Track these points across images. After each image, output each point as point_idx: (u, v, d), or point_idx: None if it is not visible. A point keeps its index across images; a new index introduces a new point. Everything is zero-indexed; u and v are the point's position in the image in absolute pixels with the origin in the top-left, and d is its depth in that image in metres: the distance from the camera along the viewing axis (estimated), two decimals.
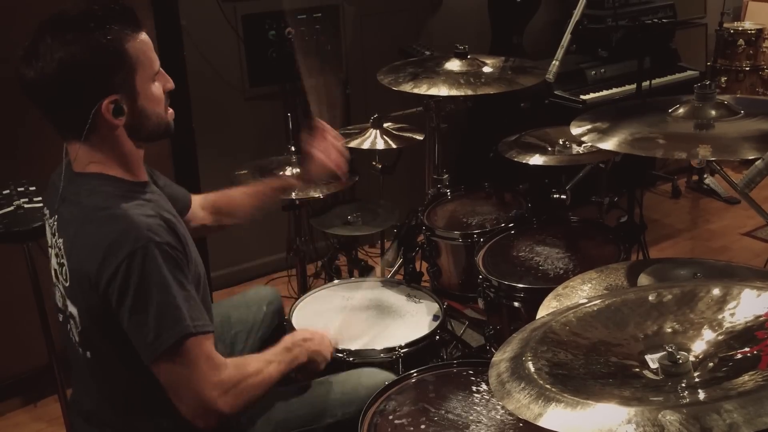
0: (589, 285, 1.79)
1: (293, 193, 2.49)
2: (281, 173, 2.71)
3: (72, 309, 1.50)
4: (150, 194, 1.55)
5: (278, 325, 2.15)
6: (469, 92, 2.54)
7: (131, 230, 1.39)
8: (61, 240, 1.49)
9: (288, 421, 1.71)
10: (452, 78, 2.61)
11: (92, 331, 1.49)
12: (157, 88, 1.52)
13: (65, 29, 1.40)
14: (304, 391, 1.79)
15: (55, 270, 1.55)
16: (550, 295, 1.75)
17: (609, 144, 1.84)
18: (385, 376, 1.84)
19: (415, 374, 1.81)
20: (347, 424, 1.71)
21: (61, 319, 1.59)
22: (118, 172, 1.51)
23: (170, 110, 1.58)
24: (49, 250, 1.58)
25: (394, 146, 2.74)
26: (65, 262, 1.47)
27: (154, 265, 1.38)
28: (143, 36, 1.48)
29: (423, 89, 2.55)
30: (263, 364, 1.60)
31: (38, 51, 1.40)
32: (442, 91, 2.52)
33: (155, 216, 1.46)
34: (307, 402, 1.75)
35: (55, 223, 1.52)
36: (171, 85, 1.56)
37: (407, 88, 2.57)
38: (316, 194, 2.60)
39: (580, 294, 1.74)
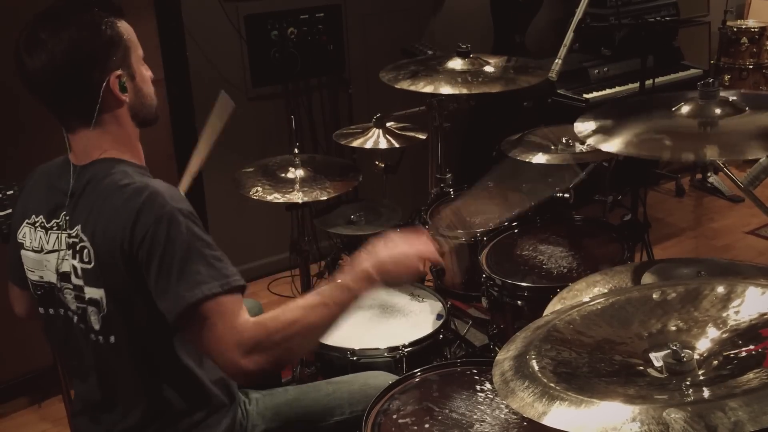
0: (596, 289, 1.78)
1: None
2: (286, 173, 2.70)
3: (95, 294, 1.50)
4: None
5: None
6: (468, 90, 2.53)
7: (157, 197, 1.44)
8: (78, 227, 1.50)
9: (296, 418, 1.72)
10: (454, 77, 2.60)
11: (121, 309, 1.49)
12: (147, 70, 1.59)
13: (59, 17, 1.46)
14: (312, 389, 1.80)
15: (64, 272, 1.54)
16: (555, 300, 1.75)
17: (613, 146, 1.75)
18: (392, 379, 1.84)
19: (418, 373, 1.81)
20: (355, 422, 1.71)
21: (68, 316, 1.57)
22: (127, 156, 1.56)
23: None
24: (45, 257, 1.56)
25: (397, 146, 2.74)
26: (87, 245, 1.49)
27: (178, 231, 1.42)
28: (125, 23, 1.54)
29: (421, 87, 2.54)
30: (300, 313, 1.49)
31: (37, 43, 1.44)
32: (445, 89, 2.52)
33: (173, 187, 1.51)
34: (315, 400, 1.77)
35: (66, 218, 1.53)
36: (151, 74, 1.62)
37: (405, 84, 2.57)
38: (321, 196, 2.59)
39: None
